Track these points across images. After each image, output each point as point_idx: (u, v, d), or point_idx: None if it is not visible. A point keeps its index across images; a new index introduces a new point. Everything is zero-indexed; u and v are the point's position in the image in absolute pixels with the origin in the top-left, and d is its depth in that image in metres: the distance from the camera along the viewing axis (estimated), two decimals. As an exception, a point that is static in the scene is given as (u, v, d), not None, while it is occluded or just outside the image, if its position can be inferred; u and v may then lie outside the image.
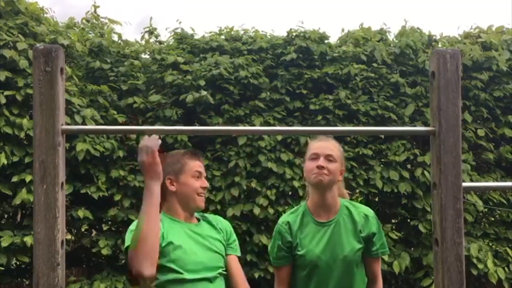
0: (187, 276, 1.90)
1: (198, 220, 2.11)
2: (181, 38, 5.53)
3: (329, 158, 2.05)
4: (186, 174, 2.06)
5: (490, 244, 5.03)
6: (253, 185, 4.75)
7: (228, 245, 2.10)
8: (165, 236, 1.92)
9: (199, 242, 1.99)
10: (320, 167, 2.03)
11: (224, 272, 2.03)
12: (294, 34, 5.27)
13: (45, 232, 1.41)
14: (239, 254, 2.13)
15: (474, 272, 4.67)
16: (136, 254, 1.76)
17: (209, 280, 1.94)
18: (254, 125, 4.85)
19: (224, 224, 2.16)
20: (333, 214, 2.09)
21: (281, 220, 2.14)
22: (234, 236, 2.16)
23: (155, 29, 5.64)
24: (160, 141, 1.80)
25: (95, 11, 5.47)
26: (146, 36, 5.64)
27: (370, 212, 2.12)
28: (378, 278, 2.12)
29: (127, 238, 1.91)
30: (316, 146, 2.10)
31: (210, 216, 2.20)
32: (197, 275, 1.91)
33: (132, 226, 1.94)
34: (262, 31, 5.60)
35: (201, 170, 2.08)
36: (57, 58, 1.45)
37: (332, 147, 2.09)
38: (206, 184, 2.09)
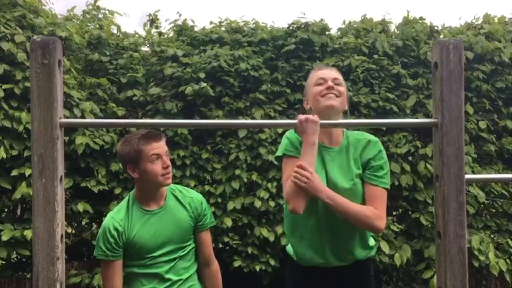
0: (147, 262, 2.16)
1: (169, 198, 2.27)
2: (181, 30, 5.49)
3: (336, 82, 2.05)
4: (144, 161, 2.14)
5: (492, 236, 5.02)
6: (254, 178, 4.73)
7: (198, 224, 2.28)
8: (130, 231, 2.15)
9: (159, 231, 2.17)
10: (331, 87, 2.02)
11: (188, 249, 2.25)
12: (295, 25, 5.23)
13: (45, 227, 1.40)
14: (210, 226, 2.34)
15: (476, 264, 4.66)
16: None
17: (171, 260, 2.18)
18: (254, 118, 4.82)
19: (193, 202, 2.29)
20: (336, 143, 2.10)
21: (290, 135, 2.16)
22: (205, 211, 2.30)
23: (157, 19, 5.60)
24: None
25: (95, 3, 5.42)
26: (148, 25, 5.60)
27: (374, 138, 2.13)
28: (372, 204, 2.01)
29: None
30: (321, 72, 2.11)
31: (181, 193, 2.31)
32: (157, 260, 2.16)
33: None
34: (263, 23, 5.56)
35: (157, 151, 2.13)
36: (54, 50, 1.43)
37: (336, 74, 2.11)
38: (167, 162, 2.15)
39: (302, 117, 1.83)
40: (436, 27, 5.43)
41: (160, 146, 2.14)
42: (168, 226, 2.19)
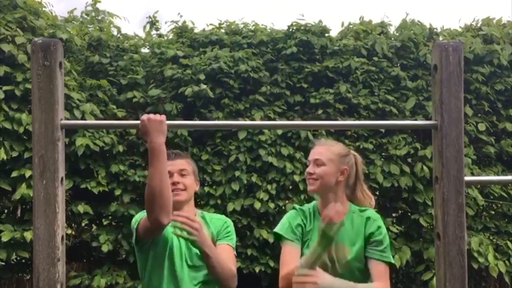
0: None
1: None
2: (181, 32, 5.50)
3: (316, 162, 2.05)
4: None
5: (491, 237, 5.03)
6: (254, 179, 4.74)
7: (217, 239, 2.20)
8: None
9: (184, 243, 2.12)
10: (309, 174, 2.07)
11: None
12: (294, 27, 5.24)
13: (45, 228, 1.40)
14: (228, 243, 2.20)
15: (475, 266, 4.67)
16: (153, 207, 1.90)
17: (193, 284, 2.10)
18: (254, 119, 4.83)
19: (217, 221, 2.24)
20: (339, 219, 2.01)
21: (297, 207, 2.17)
22: (228, 229, 2.22)
23: (157, 20, 5.61)
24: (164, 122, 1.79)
25: (94, 4, 5.43)
26: (148, 27, 5.60)
27: (375, 215, 2.10)
28: (377, 281, 2.02)
29: (134, 221, 2.14)
30: (311, 152, 2.12)
31: (209, 215, 2.28)
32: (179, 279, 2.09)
33: (138, 216, 2.15)
34: (262, 25, 5.57)
35: (168, 169, 2.04)
36: (55, 52, 1.44)
37: (322, 150, 2.08)
38: (174, 179, 2.13)
39: (144, 117, 1.76)
40: (435, 29, 5.45)
41: (172, 165, 2.12)
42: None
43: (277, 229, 2.14)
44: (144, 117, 1.78)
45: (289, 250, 2.08)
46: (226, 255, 2.16)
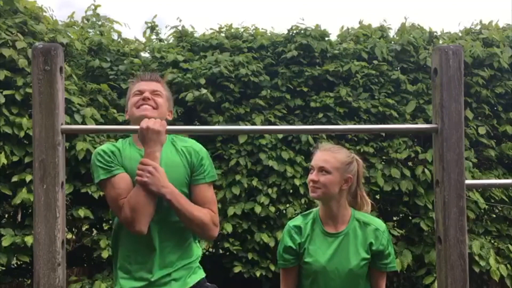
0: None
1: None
2: (181, 36, 5.52)
3: (321, 170, 2.03)
4: (130, 97, 2.08)
5: (492, 241, 5.02)
6: (254, 183, 4.73)
7: (193, 174, 2.01)
8: (120, 163, 2.00)
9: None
10: (312, 181, 2.04)
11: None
12: (294, 31, 5.25)
13: (46, 232, 1.40)
14: (206, 182, 2.01)
15: (476, 270, 4.66)
16: (136, 214, 1.89)
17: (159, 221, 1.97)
18: (254, 123, 4.83)
19: (189, 148, 2.05)
20: (342, 225, 2.07)
21: (292, 223, 2.12)
22: (202, 161, 2.02)
23: (156, 25, 5.63)
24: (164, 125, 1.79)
25: (95, 10, 5.44)
26: (148, 32, 5.62)
27: (382, 226, 2.10)
28: None
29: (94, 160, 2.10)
30: (314, 157, 2.09)
31: (180, 141, 2.11)
32: None
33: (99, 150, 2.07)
34: (262, 29, 5.59)
35: (141, 88, 2.02)
36: (56, 56, 1.44)
37: (327, 157, 2.04)
38: (145, 95, 1.99)
39: (144, 124, 1.77)
40: (435, 33, 5.46)
41: (148, 85, 2.03)
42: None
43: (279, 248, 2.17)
44: (144, 124, 1.78)
45: (283, 273, 2.13)
46: (202, 199, 1.96)
